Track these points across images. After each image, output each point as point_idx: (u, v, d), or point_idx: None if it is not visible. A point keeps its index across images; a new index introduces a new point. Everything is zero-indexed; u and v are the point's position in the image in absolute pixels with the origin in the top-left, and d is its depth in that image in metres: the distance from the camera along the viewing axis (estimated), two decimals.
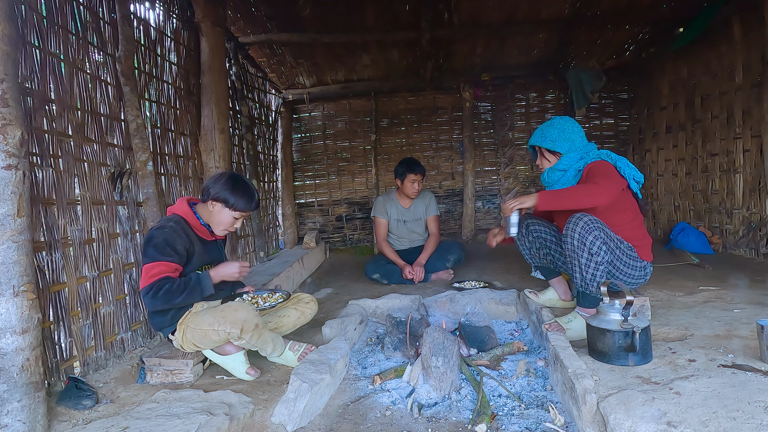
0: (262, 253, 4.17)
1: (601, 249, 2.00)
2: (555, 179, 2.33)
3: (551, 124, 2.33)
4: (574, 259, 2.05)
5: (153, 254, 1.87)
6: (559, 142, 2.28)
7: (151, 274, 1.85)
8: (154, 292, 1.84)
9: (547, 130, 2.32)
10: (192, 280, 1.93)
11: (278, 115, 5.07)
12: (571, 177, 2.27)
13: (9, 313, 1.46)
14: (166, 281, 1.86)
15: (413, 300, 2.75)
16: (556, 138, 2.29)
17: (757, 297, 2.48)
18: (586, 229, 2.00)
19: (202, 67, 3.07)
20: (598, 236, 2.00)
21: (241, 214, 2.06)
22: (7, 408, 1.45)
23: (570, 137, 2.27)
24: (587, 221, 2.00)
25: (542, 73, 5.00)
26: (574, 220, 2.03)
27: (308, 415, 1.66)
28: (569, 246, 2.05)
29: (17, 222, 1.49)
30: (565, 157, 2.28)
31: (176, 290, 1.87)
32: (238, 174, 2.16)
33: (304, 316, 2.31)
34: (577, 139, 2.28)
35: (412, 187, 3.66)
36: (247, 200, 2.04)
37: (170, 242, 1.90)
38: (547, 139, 2.31)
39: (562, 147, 2.28)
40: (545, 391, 1.81)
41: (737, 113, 3.68)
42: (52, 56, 1.94)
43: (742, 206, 3.67)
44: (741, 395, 1.40)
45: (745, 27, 3.56)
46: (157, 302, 1.86)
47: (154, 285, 1.84)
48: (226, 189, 2.00)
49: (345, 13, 3.83)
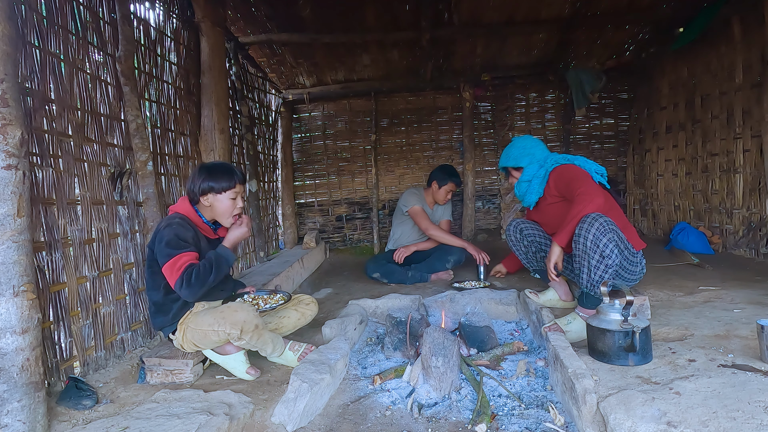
0: (262, 253, 4.17)
1: (613, 252, 2.00)
2: (523, 190, 2.50)
3: (512, 144, 2.55)
4: (583, 260, 2.04)
5: (170, 251, 1.86)
6: (521, 157, 2.48)
7: (177, 267, 1.84)
8: (186, 281, 1.83)
9: (509, 150, 2.54)
10: (213, 256, 1.93)
11: (278, 115, 5.07)
12: (536, 185, 2.41)
13: (9, 313, 1.46)
14: (192, 267, 1.86)
15: (413, 300, 2.75)
16: (517, 155, 2.49)
17: (757, 297, 2.48)
18: (602, 231, 1.99)
19: (202, 67, 3.07)
20: (612, 239, 1.99)
21: (234, 191, 2.04)
22: (7, 408, 1.45)
23: (530, 151, 2.46)
24: (603, 222, 2.00)
25: (542, 73, 4.99)
26: (589, 221, 2.01)
27: (308, 415, 1.66)
28: (580, 247, 2.04)
29: (17, 222, 1.49)
30: (527, 169, 2.46)
31: (205, 271, 1.87)
32: (208, 162, 2.14)
33: (304, 317, 2.31)
34: (537, 152, 2.46)
35: (446, 195, 3.75)
36: (229, 176, 2.03)
37: (181, 236, 1.90)
38: (510, 158, 2.53)
39: (524, 161, 2.47)
40: (545, 391, 1.81)
41: (737, 113, 3.67)
42: (52, 56, 1.94)
43: (742, 206, 3.67)
44: (741, 395, 1.40)
45: (745, 27, 3.56)
46: (193, 289, 1.84)
47: (183, 275, 1.83)
48: (204, 179, 2.00)
49: (345, 13, 3.83)
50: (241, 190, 2.08)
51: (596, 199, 2.08)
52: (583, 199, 2.09)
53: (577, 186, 2.17)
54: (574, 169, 2.27)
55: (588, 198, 2.08)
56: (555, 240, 2.18)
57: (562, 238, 2.14)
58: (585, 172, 2.24)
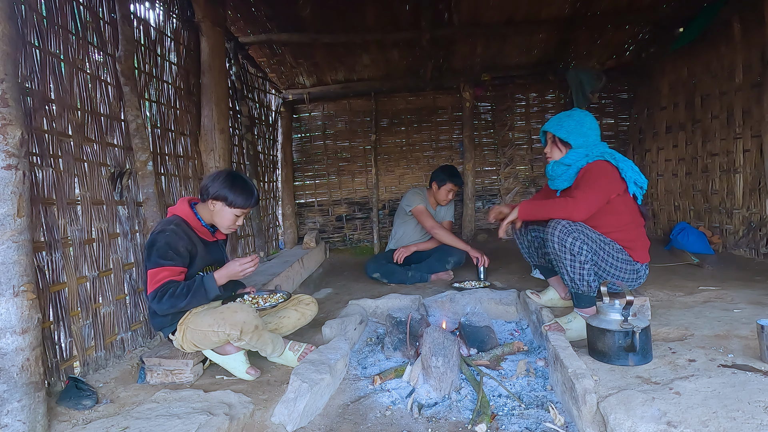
0: (262, 253, 4.17)
1: (582, 249, 2.03)
2: (559, 173, 2.31)
3: (570, 115, 2.28)
4: (559, 262, 2.10)
5: (156, 259, 1.87)
6: (574, 135, 2.23)
7: (157, 279, 1.86)
8: (159, 297, 1.85)
9: (565, 120, 2.27)
10: (195, 282, 1.92)
11: (278, 115, 5.07)
12: (572, 174, 2.26)
13: (9, 313, 1.46)
14: (170, 285, 1.86)
15: (413, 300, 2.75)
16: (572, 130, 2.23)
17: (757, 297, 2.48)
18: (564, 232, 2.04)
19: (202, 67, 3.07)
20: (577, 237, 2.03)
21: (242, 211, 2.05)
22: (7, 408, 1.45)
23: (586, 132, 2.22)
24: (564, 225, 2.05)
25: (542, 73, 5.00)
26: (553, 224, 2.08)
27: (308, 415, 1.66)
28: (552, 251, 2.09)
29: (17, 222, 1.49)
30: (574, 152, 2.24)
31: (180, 294, 1.86)
32: (235, 171, 2.15)
33: (304, 317, 2.31)
34: (591, 135, 2.24)
35: (447, 196, 3.73)
36: (247, 197, 2.03)
37: (172, 246, 1.90)
38: (563, 129, 2.26)
39: (576, 140, 2.23)
40: (545, 391, 1.81)
41: (737, 113, 3.67)
42: (52, 56, 1.94)
43: (742, 206, 3.67)
44: (741, 395, 1.40)
45: (745, 27, 3.55)
46: (163, 306, 1.87)
47: (159, 290, 1.85)
48: (225, 187, 2.00)
49: (345, 13, 3.83)
50: (249, 212, 2.09)
51: (579, 211, 2.05)
52: (568, 204, 2.07)
53: (584, 187, 2.10)
54: (606, 170, 2.13)
55: (572, 206, 2.06)
56: (520, 206, 2.23)
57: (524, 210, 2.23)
58: (609, 180, 2.12)
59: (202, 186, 2.06)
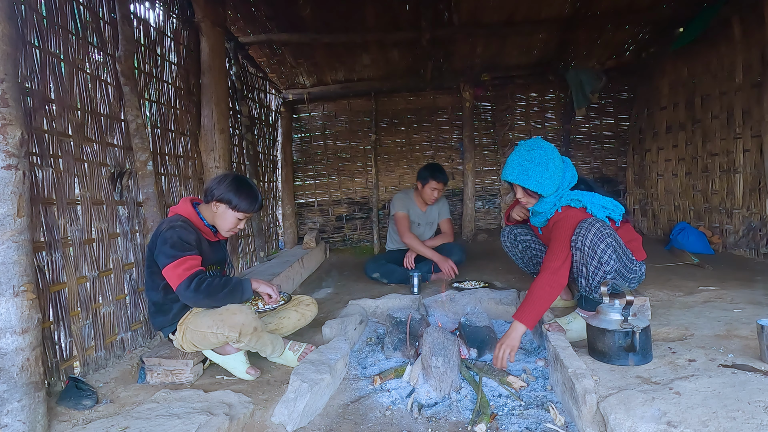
0: (262, 253, 4.17)
1: (611, 258, 1.93)
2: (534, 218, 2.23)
3: (531, 159, 1.98)
4: (581, 265, 1.98)
5: (174, 252, 1.83)
6: (545, 185, 1.99)
7: (184, 268, 1.82)
8: (197, 285, 1.80)
9: (529, 167, 1.98)
10: (233, 281, 1.92)
11: (278, 115, 5.07)
12: (545, 219, 2.15)
13: (9, 313, 1.46)
14: (204, 275, 1.85)
15: (413, 300, 2.75)
16: (541, 180, 1.98)
17: (757, 297, 2.48)
18: (599, 236, 1.91)
19: (202, 67, 3.07)
20: (610, 244, 1.92)
21: (245, 215, 2.06)
22: (7, 408, 1.45)
23: (551, 176, 1.98)
24: (600, 227, 1.92)
25: (542, 73, 5.00)
26: (586, 226, 1.93)
27: (308, 415, 1.66)
28: (578, 252, 1.96)
29: (17, 222, 1.49)
30: (543, 202, 2.07)
31: (218, 286, 1.85)
32: (241, 175, 2.16)
33: (304, 318, 2.31)
34: (557, 176, 2.00)
35: (431, 194, 3.65)
36: (251, 201, 2.04)
37: (185, 238, 1.89)
38: (531, 180, 1.98)
39: (546, 190, 2.00)
40: (545, 391, 1.81)
41: (737, 113, 3.68)
42: (52, 56, 1.94)
43: (742, 206, 3.67)
44: (741, 395, 1.40)
45: (745, 27, 3.55)
46: (200, 295, 1.81)
47: (194, 278, 1.81)
48: (230, 190, 2.00)
49: (345, 13, 3.83)
50: (251, 217, 2.08)
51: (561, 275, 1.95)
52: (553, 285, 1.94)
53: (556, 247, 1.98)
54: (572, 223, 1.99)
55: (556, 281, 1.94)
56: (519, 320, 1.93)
57: (525, 320, 1.92)
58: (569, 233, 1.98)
59: (207, 187, 2.06)
